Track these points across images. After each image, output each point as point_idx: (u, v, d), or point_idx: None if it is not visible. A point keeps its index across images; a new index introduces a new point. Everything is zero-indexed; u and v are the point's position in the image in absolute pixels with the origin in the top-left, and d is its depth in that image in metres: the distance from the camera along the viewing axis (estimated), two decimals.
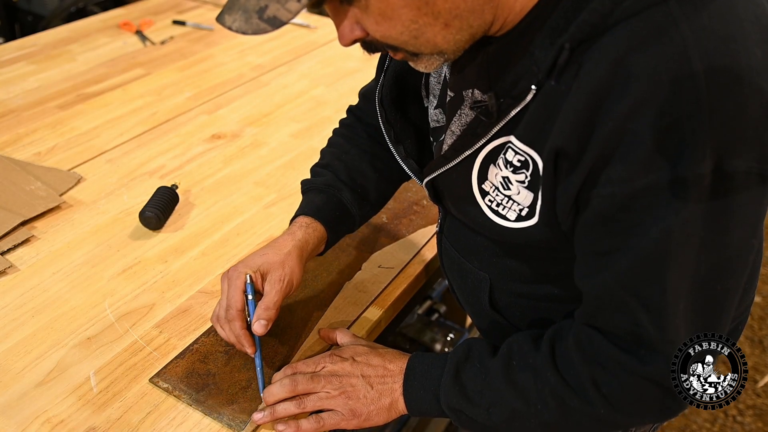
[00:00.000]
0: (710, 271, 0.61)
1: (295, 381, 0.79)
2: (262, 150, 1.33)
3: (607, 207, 0.60)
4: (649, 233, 0.59)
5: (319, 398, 0.78)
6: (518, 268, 0.78)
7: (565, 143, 0.60)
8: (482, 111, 0.67)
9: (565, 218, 0.65)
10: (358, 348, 0.83)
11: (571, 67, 0.59)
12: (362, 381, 0.78)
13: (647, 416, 0.71)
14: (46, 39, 1.78)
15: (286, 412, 0.78)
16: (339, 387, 0.78)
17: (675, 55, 0.54)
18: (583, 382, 0.67)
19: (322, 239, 0.90)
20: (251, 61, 1.72)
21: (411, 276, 1.03)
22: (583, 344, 0.68)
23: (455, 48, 0.63)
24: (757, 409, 2.04)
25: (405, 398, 0.77)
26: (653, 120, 0.55)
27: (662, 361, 0.63)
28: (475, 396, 0.73)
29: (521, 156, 0.65)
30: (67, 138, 1.34)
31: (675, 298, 0.61)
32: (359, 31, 0.61)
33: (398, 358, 0.80)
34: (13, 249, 1.04)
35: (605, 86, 0.56)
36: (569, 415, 0.69)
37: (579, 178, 0.60)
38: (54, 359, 0.86)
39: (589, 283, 0.66)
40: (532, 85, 0.61)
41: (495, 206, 0.70)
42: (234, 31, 0.59)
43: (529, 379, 0.70)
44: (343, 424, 0.78)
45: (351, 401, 0.77)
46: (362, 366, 0.79)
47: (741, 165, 0.56)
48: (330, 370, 0.80)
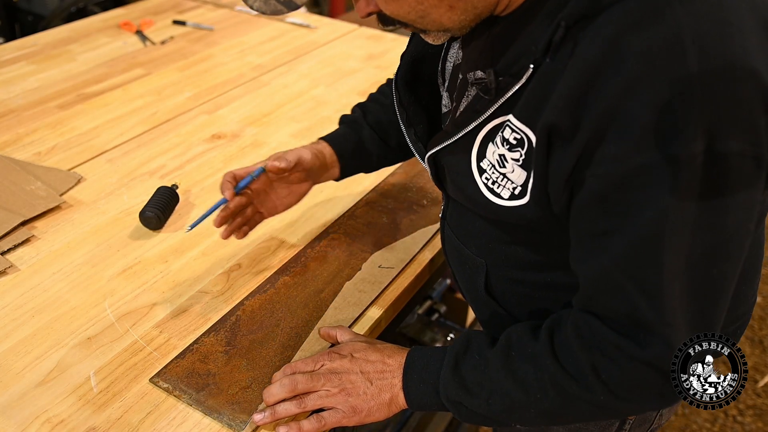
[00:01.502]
0: (705, 252, 0.61)
1: (295, 381, 0.79)
2: (262, 150, 1.33)
3: (602, 187, 0.60)
4: (643, 213, 0.59)
5: (320, 397, 0.78)
6: (514, 253, 0.79)
7: (558, 119, 0.60)
8: (482, 88, 0.68)
9: (557, 198, 0.65)
10: (356, 344, 0.83)
11: (566, 45, 0.60)
12: (361, 377, 0.78)
13: (647, 402, 0.70)
14: (46, 39, 1.78)
15: (286, 412, 0.78)
16: (338, 384, 0.78)
17: (669, 35, 0.55)
18: (582, 368, 0.67)
19: (332, 163, 1.00)
20: (251, 61, 1.72)
21: (411, 276, 1.03)
22: (582, 331, 0.68)
23: (460, 26, 0.67)
24: (757, 409, 2.04)
25: (405, 393, 0.77)
26: (646, 99, 0.56)
27: (661, 345, 0.63)
28: (474, 387, 0.73)
29: (517, 134, 0.66)
30: (68, 138, 1.34)
31: (670, 279, 0.61)
32: (373, 6, 0.67)
33: (397, 352, 0.80)
34: (13, 249, 1.04)
35: (599, 64, 0.57)
36: (569, 403, 0.69)
37: (572, 156, 0.61)
38: (54, 359, 0.86)
39: (585, 267, 0.66)
40: (530, 64, 0.63)
41: (491, 184, 0.71)
42: (254, 11, 0.68)
43: (529, 369, 0.70)
44: (345, 421, 0.78)
45: (351, 398, 0.77)
46: (361, 362, 0.79)
47: (734, 146, 0.56)
48: (329, 368, 0.80)
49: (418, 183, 1.23)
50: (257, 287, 0.98)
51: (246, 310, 0.94)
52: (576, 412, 0.71)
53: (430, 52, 0.87)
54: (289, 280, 1.00)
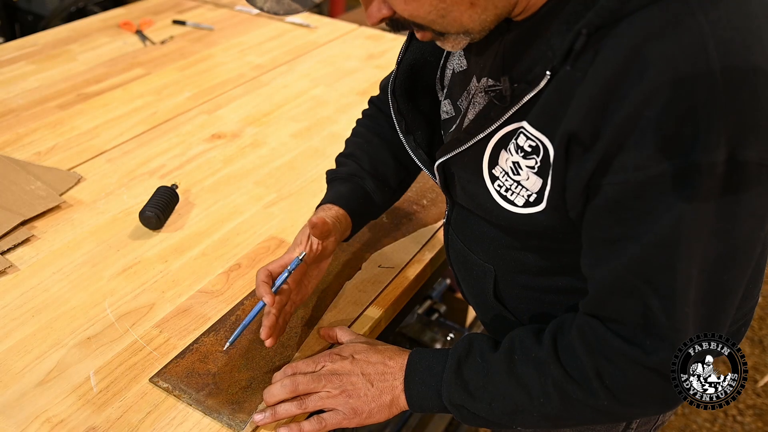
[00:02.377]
0: (717, 260, 0.61)
1: (296, 381, 0.79)
2: (262, 150, 1.33)
3: (620, 194, 0.60)
4: (661, 220, 0.59)
5: (320, 398, 0.78)
6: (523, 259, 0.79)
7: (578, 128, 0.60)
8: (496, 95, 0.67)
9: (574, 205, 0.65)
10: (358, 346, 0.83)
11: (587, 53, 0.59)
12: (362, 379, 0.78)
13: (650, 407, 0.70)
14: (46, 39, 1.78)
15: (287, 413, 0.78)
16: (339, 386, 0.78)
17: (691, 44, 0.55)
18: (586, 373, 0.67)
19: (347, 226, 0.92)
20: (251, 61, 1.72)
21: (411, 276, 1.03)
22: (586, 336, 0.68)
23: (481, 27, 0.64)
24: (757, 409, 2.04)
25: (406, 395, 0.77)
26: (668, 107, 0.55)
27: (667, 350, 0.63)
28: (477, 391, 0.73)
29: (532, 141, 0.65)
30: (67, 138, 1.34)
31: (685, 285, 0.61)
32: (386, 10, 0.63)
33: (398, 354, 0.80)
34: (13, 249, 1.04)
35: (621, 72, 0.57)
36: (572, 407, 0.69)
37: (591, 163, 0.60)
38: (54, 359, 0.86)
39: (599, 272, 0.66)
40: (546, 71, 0.62)
41: (504, 191, 0.71)
42: (266, 12, 0.63)
43: (532, 373, 0.70)
44: (345, 423, 0.78)
45: (352, 400, 0.77)
46: (362, 364, 0.79)
47: (754, 156, 0.57)
48: (330, 369, 0.80)
49: (418, 183, 1.23)
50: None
51: (246, 310, 0.94)
52: (579, 416, 0.71)
53: (429, 60, 0.86)
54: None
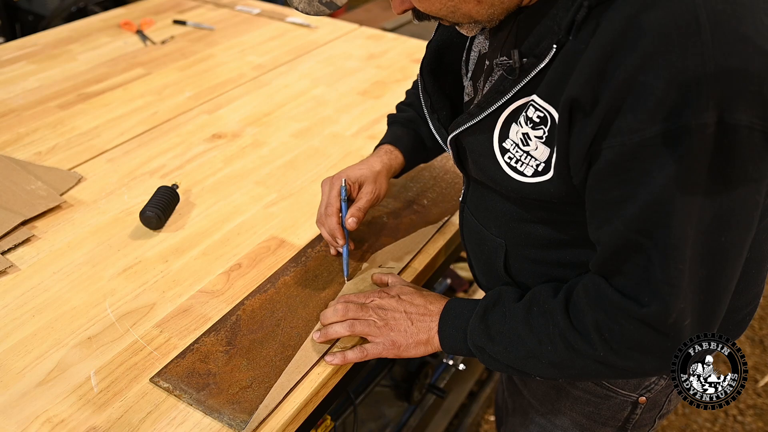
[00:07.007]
0: (713, 221, 0.64)
1: (347, 308, 0.89)
2: (262, 150, 1.33)
3: (618, 156, 0.63)
4: (655, 180, 0.62)
5: (367, 324, 0.87)
6: (532, 231, 0.83)
7: (579, 93, 0.64)
8: (507, 69, 0.72)
9: (577, 171, 0.68)
10: (405, 288, 0.92)
11: (588, 25, 0.64)
12: (404, 316, 0.86)
13: (645, 362, 0.73)
14: (46, 39, 1.78)
15: (336, 333, 0.88)
16: (383, 318, 0.87)
17: (684, 12, 0.59)
18: (587, 325, 0.72)
19: (400, 165, 1.06)
20: (252, 61, 1.72)
21: (411, 276, 1.03)
22: (590, 290, 0.73)
23: (489, 18, 0.72)
24: (758, 409, 2.04)
25: (440, 336, 0.85)
26: (661, 72, 0.59)
27: (659, 304, 0.66)
28: (497, 335, 0.79)
29: (541, 112, 0.69)
30: (68, 137, 1.34)
31: (679, 242, 0.64)
32: (408, 3, 0.72)
33: (439, 300, 0.89)
34: (13, 248, 1.04)
35: (618, 40, 0.61)
36: (575, 357, 0.74)
37: (592, 128, 0.64)
38: (54, 359, 0.86)
39: (602, 233, 0.69)
40: (553, 44, 0.67)
41: (513, 163, 0.75)
42: (299, 11, 0.73)
43: (543, 322, 0.76)
44: (385, 353, 0.86)
45: (393, 333, 0.86)
46: (406, 304, 0.88)
47: (743, 119, 0.59)
48: (377, 303, 0.89)
49: (418, 183, 1.23)
50: (257, 287, 0.99)
51: (246, 310, 0.94)
52: (581, 366, 0.75)
53: (456, 41, 0.91)
54: (289, 279, 1.00)
